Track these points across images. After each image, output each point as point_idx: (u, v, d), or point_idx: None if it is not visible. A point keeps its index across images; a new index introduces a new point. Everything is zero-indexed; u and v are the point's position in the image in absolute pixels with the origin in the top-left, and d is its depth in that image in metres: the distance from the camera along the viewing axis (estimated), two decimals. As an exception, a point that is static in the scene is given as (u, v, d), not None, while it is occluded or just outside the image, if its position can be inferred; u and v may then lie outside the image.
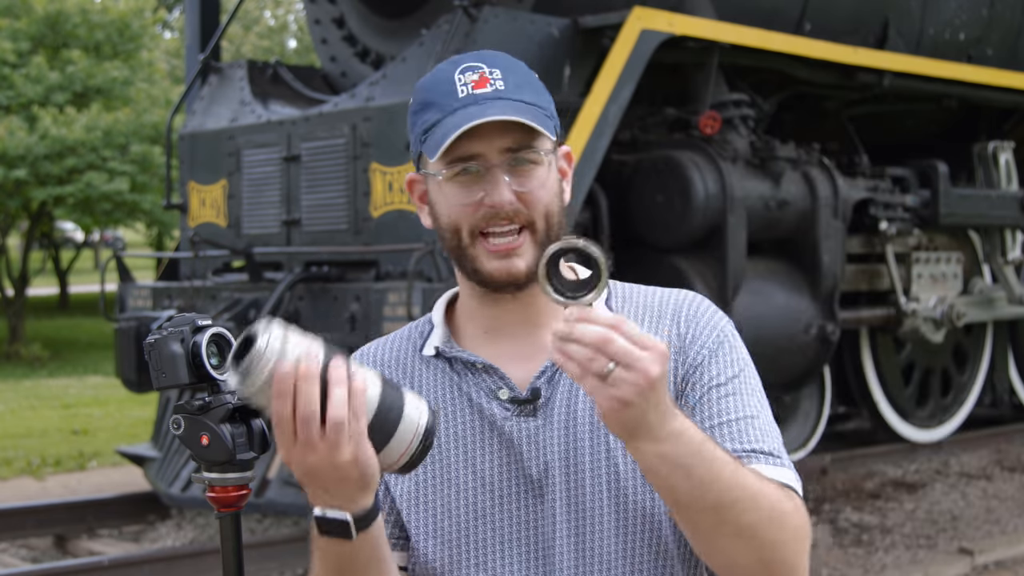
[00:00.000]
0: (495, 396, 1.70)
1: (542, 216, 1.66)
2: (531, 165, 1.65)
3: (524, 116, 1.62)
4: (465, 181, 1.65)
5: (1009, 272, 8.97)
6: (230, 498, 1.64)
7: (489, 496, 1.69)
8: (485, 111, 1.61)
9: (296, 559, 6.31)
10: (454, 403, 1.73)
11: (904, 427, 8.94)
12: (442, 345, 1.75)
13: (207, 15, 8.36)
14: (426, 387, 1.75)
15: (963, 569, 6.59)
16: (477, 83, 1.64)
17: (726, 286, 6.59)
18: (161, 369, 1.61)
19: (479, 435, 1.70)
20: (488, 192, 1.64)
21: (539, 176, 1.66)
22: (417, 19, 6.83)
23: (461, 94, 1.64)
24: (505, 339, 1.74)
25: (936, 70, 8.09)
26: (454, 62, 1.67)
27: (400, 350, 1.79)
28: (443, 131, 1.62)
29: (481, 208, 1.64)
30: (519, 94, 1.65)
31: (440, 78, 1.67)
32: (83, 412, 12.89)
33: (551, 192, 1.67)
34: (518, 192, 1.64)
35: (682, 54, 6.73)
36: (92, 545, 7.00)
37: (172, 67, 24.22)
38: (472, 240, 1.66)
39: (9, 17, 18.37)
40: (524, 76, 1.68)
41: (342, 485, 1.47)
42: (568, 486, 1.67)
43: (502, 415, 1.70)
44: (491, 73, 1.65)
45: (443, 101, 1.64)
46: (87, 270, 34.24)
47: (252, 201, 7.18)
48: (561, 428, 1.68)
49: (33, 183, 16.96)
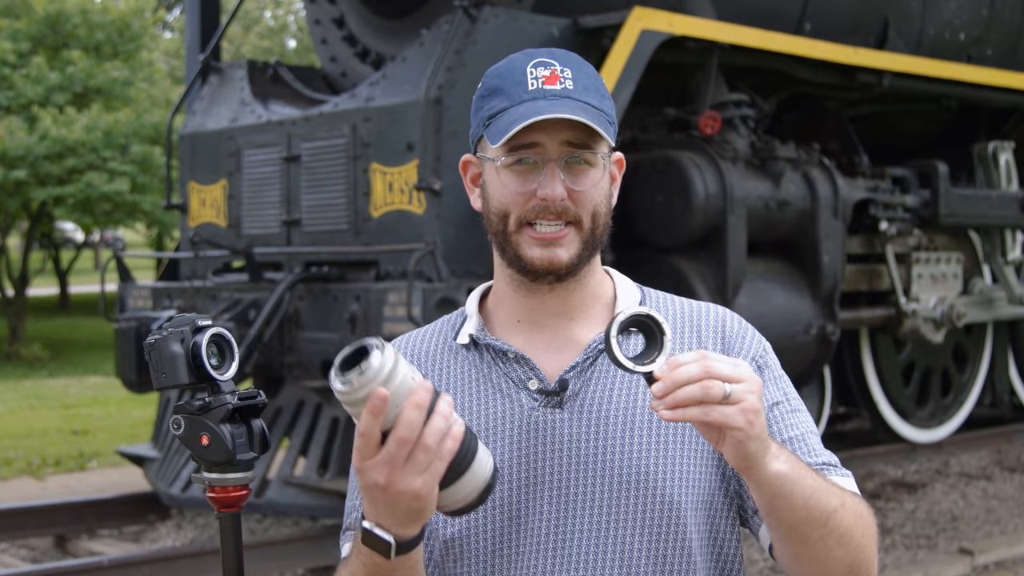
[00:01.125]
0: (524, 386, 1.73)
1: (589, 215, 1.71)
2: (586, 166, 1.70)
3: (588, 118, 1.66)
4: (522, 171, 1.70)
5: (1009, 272, 8.97)
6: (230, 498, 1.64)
7: (509, 485, 1.70)
8: (553, 107, 1.65)
9: (296, 559, 6.31)
10: (482, 392, 1.76)
11: (904, 427, 8.93)
12: (476, 332, 1.79)
13: (207, 15, 8.36)
14: (455, 376, 1.78)
15: (963, 569, 6.59)
16: (548, 79, 1.69)
17: (726, 286, 6.59)
18: (161, 369, 1.62)
19: (505, 424, 1.73)
20: (542, 184, 1.68)
21: (592, 177, 1.70)
22: (417, 19, 6.83)
23: (531, 87, 1.69)
24: (538, 330, 1.77)
25: (936, 70, 8.09)
26: (528, 55, 1.72)
27: (433, 342, 1.84)
28: (509, 119, 1.67)
29: (532, 199, 1.69)
30: (585, 96, 1.70)
31: (513, 67, 1.72)
32: (83, 412, 12.89)
33: (601, 194, 1.72)
34: (570, 189, 1.69)
35: (682, 54, 6.73)
36: (92, 545, 7.00)
37: (172, 67, 24.21)
38: (518, 228, 1.71)
39: (9, 17, 18.37)
40: (592, 79, 1.73)
41: (398, 511, 1.48)
42: (591, 481, 1.69)
43: (529, 405, 1.72)
44: (562, 71, 1.70)
45: (513, 91, 1.69)
46: (87, 270, 34.24)
47: (252, 201, 7.18)
48: (589, 423, 1.70)
49: (33, 183, 16.96)
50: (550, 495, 1.69)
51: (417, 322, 5.67)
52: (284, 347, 6.43)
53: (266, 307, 6.31)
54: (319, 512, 6.47)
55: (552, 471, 1.70)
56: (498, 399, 1.74)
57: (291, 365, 6.44)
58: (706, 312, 1.79)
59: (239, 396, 1.65)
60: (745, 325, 1.80)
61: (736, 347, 1.75)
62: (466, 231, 6.21)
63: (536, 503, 1.70)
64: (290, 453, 6.45)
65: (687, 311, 1.80)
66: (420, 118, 6.14)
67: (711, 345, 1.75)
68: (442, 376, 1.79)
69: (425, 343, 1.84)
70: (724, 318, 1.79)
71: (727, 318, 1.79)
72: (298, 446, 6.42)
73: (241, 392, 1.67)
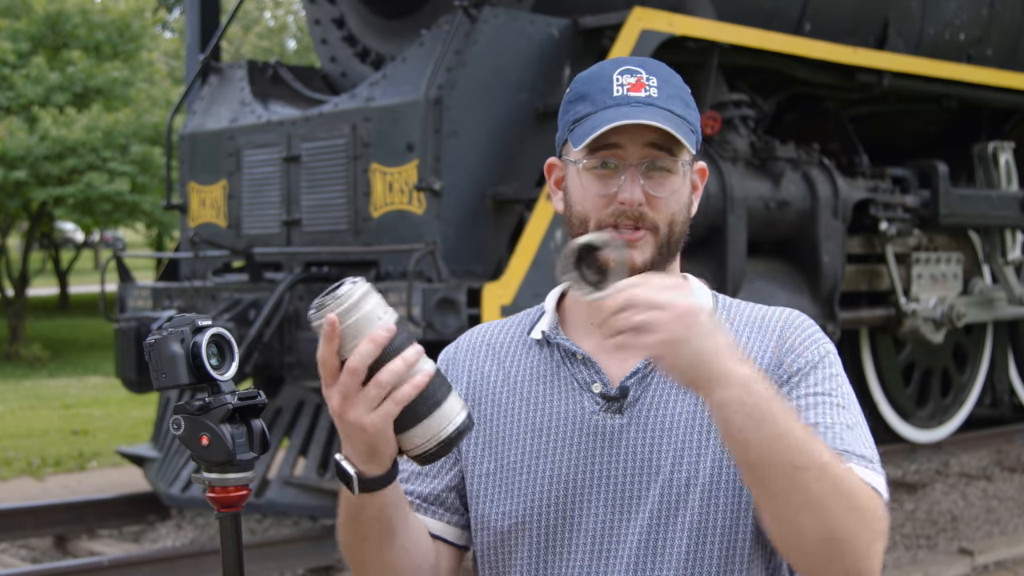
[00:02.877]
0: (588, 388, 1.75)
1: (666, 222, 1.73)
2: (667, 172, 1.72)
3: (670, 125, 1.68)
4: (603, 175, 1.72)
5: (1009, 272, 8.97)
6: (230, 498, 1.64)
7: (564, 485, 1.73)
8: (637, 113, 1.68)
9: (296, 559, 6.31)
10: (549, 390, 1.78)
11: (904, 427, 8.93)
12: (548, 330, 1.81)
13: (207, 15, 8.36)
14: (525, 371, 1.81)
15: (963, 569, 6.59)
16: (633, 86, 1.71)
17: (726, 286, 6.59)
18: (161, 369, 1.62)
19: (567, 424, 1.75)
20: (622, 188, 1.70)
21: (672, 184, 1.72)
22: (417, 19, 6.84)
23: (616, 93, 1.71)
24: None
25: (936, 70, 8.09)
26: (617, 62, 1.75)
27: (509, 333, 1.87)
28: (592, 124, 1.69)
29: (612, 203, 1.71)
30: (669, 104, 1.71)
31: (600, 74, 1.74)
32: (83, 412, 12.89)
33: (680, 202, 1.74)
34: (649, 195, 1.70)
35: (682, 54, 6.73)
36: (92, 545, 6.99)
37: (172, 67, 24.21)
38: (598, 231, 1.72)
39: (9, 17, 18.37)
40: (677, 89, 1.74)
41: (355, 443, 1.56)
42: (644, 487, 1.70)
43: (591, 409, 1.74)
44: (648, 79, 1.72)
45: (598, 96, 1.72)
46: (87, 270, 34.24)
47: (252, 201, 7.18)
48: (647, 429, 1.72)
49: (33, 184, 16.95)
50: (604, 498, 1.71)
51: (417, 322, 5.67)
52: (284, 347, 6.43)
53: (266, 307, 6.31)
54: (319, 512, 6.47)
55: (607, 475, 1.71)
56: (563, 399, 1.76)
57: (291, 365, 6.45)
58: (772, 315, 1.80)
59: (239, 396, 1.65)
60: (811, 323, 1.80)
61: (791, 338, 1.75)
62: (466, 231, 6.21)
63: (590, 505, 1.72)
64: (290, 453, 6.45)
65: (756, 313, 1.81)
66: (420, 118, 6.14)
67: (771, 345, 1.75)
68: (512, 369, 1.82)
69: (500, 335, 1.87)
70: (788, 319, 1.79)
71: (791, 319, 1.79)
72: (298, 446, 6.42)
73: (241, 392, 1.67)
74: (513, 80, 6.36)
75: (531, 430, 1.76)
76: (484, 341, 1.88)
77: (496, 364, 1.83)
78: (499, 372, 1.82)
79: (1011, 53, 9.15)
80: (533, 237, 5.87)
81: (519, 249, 5.88)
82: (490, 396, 1.81)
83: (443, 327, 5.74)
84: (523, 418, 1.77)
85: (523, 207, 6.23)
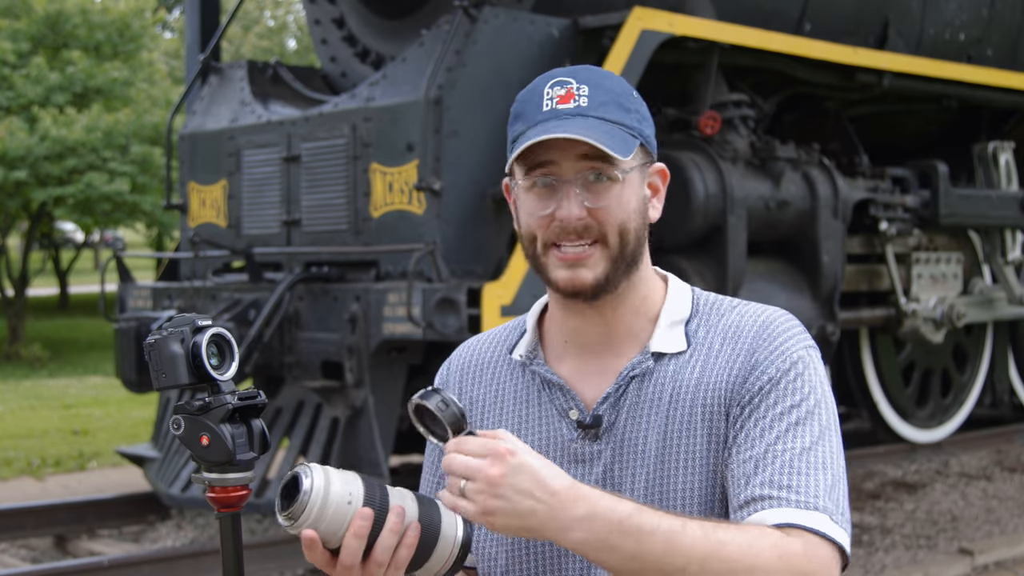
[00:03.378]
0: (566, 415, 1.75)
1: (615, 232, 1.68)
2: (608, 182, 1.67)
3: (595, 134, 1.63)
4: (541, 193, 1.69)
5: (1009, 272, 8.97)
6: (230, 498, 1.64)
7: None
8: (559, 127, 1.64)
9: (296, 559, 6.30)
10: (531, 415, 1.78)
11: (904, 427, 8.93)
12: (526, 355, 1.79)
13: (207, 15, 8.36)
14: (509, 393, 1.80)
15: (963, 569, 6.58)
16: (562, 98, 1.68)
17: (726, 286, 6.59)
18: (161, 369, 1.61)
19: (548, 451, 1.75)
20: (559, 205, 1.67)
21: (614, 193, 1.67)
22: (417, 19, 6.83)
23: (545, 108, 1.68)
24: (582, 353, 1.77)
25: (936, 70, 8.09)
26: (550, 75, 1.72)
27: (494, 351, 1.86)
28: (521, 142, 1.67)
29: (553, 221, 1.68)
30: (601, 111, 1.67)
31: (532, 90, 1.72)
32: (83, 412, 12.89)
33: (628, 209, 1.69)
34: (590, 208, 1.66)
35: (682, 54, 6.73)
36: (92, 545, 6.99)
37: (172, 67, 24.21)
38: (545, 250, 1.70)
39: (9, 17, 18.36)
40: (612, 93, 1.70)
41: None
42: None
43: (569, 436, 1.74)
44: (578, 89, 1.69)
45: (530, 113, 1.69)
46: (87, 270, 34.24)
47: (252, 201, 7.18)
48: (623, 453, 1.71)
49: (33, 184, 16.95)
50: None
51: (417, 322, 5.67)
52: (284, 347, 6.43)
53: (266, 307, 6.31)
54: (319, 512, 6.46)
55: None
56: (543, 425, 1.76)
57: (291, 365, 6.44)
58: (749, 323, 1.73)
59: (239, 396, 1.64)
60: (777, 336, 1.71)
61: (755, 363, 1.68)
62: (466, 231, 6.21)
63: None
64: (290, 453, 6.45)
65: (731, 323, 1.74)
66: (420, 118, 6.14)
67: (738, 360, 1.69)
68: (498, 391, 1.81)
69: (487, 352, 1.86)
70: (762, 328, 1.72)
71: (765, 328, 1.72)
72: (298, 446, 6.41)
73: (241, 392, 1.66)
74: (513, 80, 6.36)
75: None
76: (472, 360, 1.86)
77: (483, 386, 1.83)
78: (485, 395, 1.82)
79: (1011, 53, 9.15)
80: (533, 237, 5.86)
81: (519, 249, 5.87)
82: (479, 421, 1.81)
83: (443, 327, 5.74)
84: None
85: (523, 207, 6.22)
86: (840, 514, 1.59)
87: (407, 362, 6.37)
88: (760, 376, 1.67)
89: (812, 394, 1.67)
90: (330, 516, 1.53)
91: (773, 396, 1.65)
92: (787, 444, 1.61)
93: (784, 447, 1.61)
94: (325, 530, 1.54)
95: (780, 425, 1.63)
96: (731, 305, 1.78)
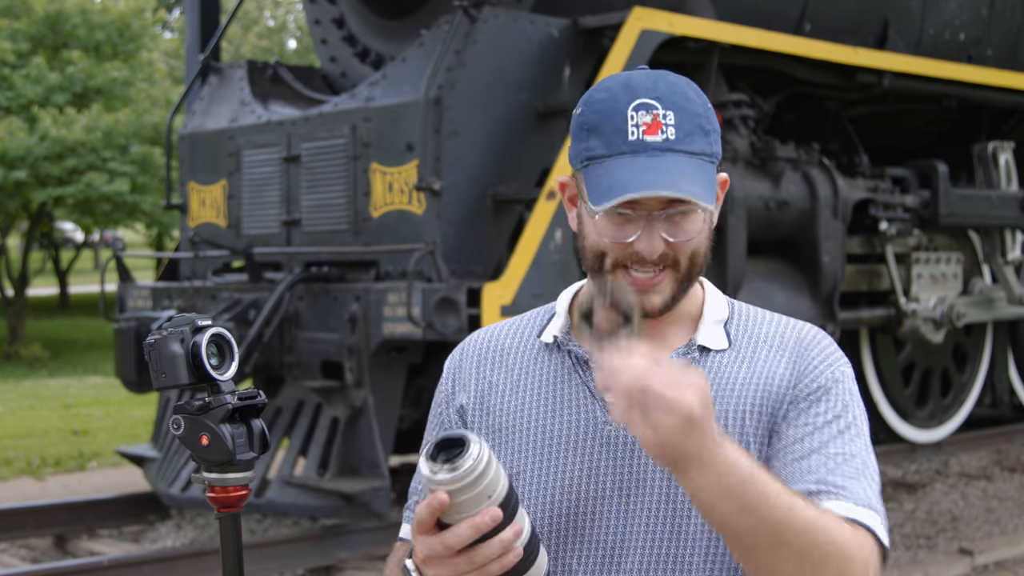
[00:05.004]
0: (601, 397, 1.72)
1: (687, 257, 1.67)
2: (688, 215, 1.65)
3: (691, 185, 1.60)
4: (619, 221, 1.65)
5: (1009, 272, 8.97)
6: (230, 498, 1.64)
7: (576, 495, 1.71)
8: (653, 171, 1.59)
9: (296, 559, 6.30)
10: (559, 398, 1.75)
11: (904, 427, 8.93)
12: (560, 335, 1.77)
13: (207, 15, 8.36)
14: (534, 378, 1.78)
15: (963, 569, 6.58)
16: (649, 127, 1.61)
17: (726, 286, 6.59)
18: (161, 369, 1.61)
19: (579, 434, 1.73)
20: (640, 238, 1.64)
21: (694, 225, 1.66)
22: (417, 19, 6.83)
23: (631, 136, 1.61)
24: None
25: (936, 70, 8.09)
26: (631, 90, 1.64)
27: (516, 336, 1.83)
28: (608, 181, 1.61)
29: (630, 248, 1.65)
30: (688, 143, 1.62)
31: (613, 108, 1.64)
32: (83, 412, 12.89)
33: (703, 236, 1.69)
34: (669, 242, 1.65)
35: (682, 54, 6.73)
36: (92, 545, 6.99)
37: (172, 67, 24.21)
38: (614, 269, 1.67)
39: (9, 17, 18.36)
40: (696, 118, 1.65)
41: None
42: (653, 497, 1.68)
43: (603, 418, 1.72)
44: (664, 116, 1.62)
45: (611, 136, 1.62)
46: (87, 270, 34.24)
47: (252, 201, 7.18)
48: None
49: (33, 184, 16.95)
50: (614, 508, 1.70)
51: (417, 322, 5.67)
52: (284, 347, 6.43)
53: (266, 307, 6.31)
54: (319, 512, 6.47)
55: (617, 485, 1.70)
56: (574, 407, 1.74)
57: (291, 365, 6.44)
58: (789, 332, 1.75)
59: (239, 396, 1.64)
60: (824, 347, 1.74)
61: (807, 361, 1.71)
62: (466, 231, 6.21)
63: (600, 516, 1.70)
64: (290, 453, 6.45)
65: (772, 332, 1.76)
66: (420, 118, 6.14)
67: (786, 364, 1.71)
68: (521, 375, 1.79)
69: (507, 338, 1.83)
70: (805, 337, 1.74)
71: (808, 337, 1.74)
72: (298, 446, 6.41)
73: (241, 392, 1.66)
74: (513, 80, 6.36)
75: (542, 438, 1.74)
76: (490, 346, 1.84)
77: (504, 371, 1.80)
78: (507, 379, 1.80)
79: (1011, 53, 9.15)
80: (533, 237, 5.87)
81: (519, 249, 5.88)
82: (499, 405, 1.78)
83: (443, 327, 5.74)
84: (534, 426, 1.75)
85: (523, 207, 6.23)
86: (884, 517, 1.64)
87: (407, 362, 6.37)
88: (811, 383, 1.69)
89: (856, 407, 1.71)
90: (470, 496, 1.47)
91: (824, 404, 1.68)
92: (839, 448, 1.65)
93: (836, 450, 1.65)
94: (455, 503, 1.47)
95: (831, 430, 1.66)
96: (767, 315, 1.80)
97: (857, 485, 1.62)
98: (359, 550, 6.42)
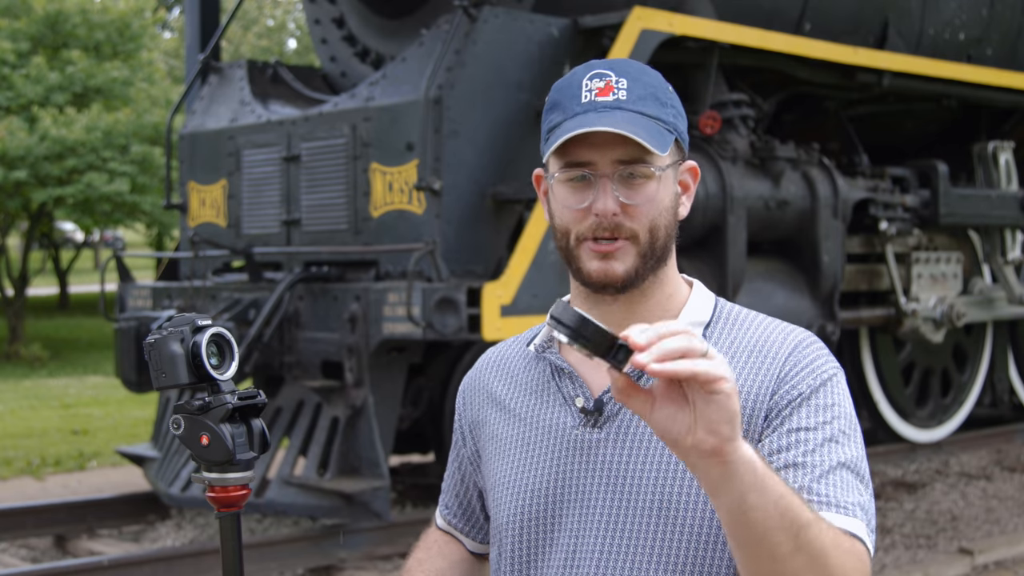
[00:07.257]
0: (572, 402, 1.75)
1: (646, 229, 1.68)
2: (642, 179, 1.67)
3: (636, 128, 1.63)
4: (577, 186, 1.69)
5: (1009, 272, 8.97)
6: (230, 498, 1.64)
7: (545, 500, 1.73)
8: (600, 119, 1.64)
9: (296, 559, 6.31)
10: (539, 404, 1.79)
11: (904, 427, 8.94)
12: (540, 343, 1.81)
13: (207, 15, 8.36)
14: (522, 384, 1.82)
15: (963, 569, 6.58)
16: (601, 90, 1.68)
17: (726, 286, 6.59)
18: (161, 369, 1.61)
19: (551, 438, 1.75)
20: (595, 199, 1.67)
21: (648, 191, 1.68)
22: (417, 19, 6.84)
23: (583, 99, 1.68)
24: None
25: (936, 70, 8.09)
26: (589, 66, 1.71)
27: (514, 348, 1.89)
28: (559, 134, 1.67)
29: (588, 216, 1.68)
30: (640, 105, 1.67)
31: (571, 81, 1.71)
32: (83, 412, 12.89)
33: (660, 206, 1.69)
34: (624, 204, 1.67)
35: (682, 54, 6.74)
36: (92, 545, 6.99)
37: (172, 67, 24.21)
38: (578, 243, 1.70)
39: (9, 17, 18.36)
40: (650, 88, 1.70)
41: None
42: (614, 504, 1.68)
43: (572, 423, 1.74)
44: (617, 82, 1.68)
45: (567, 104, 1.69)
46: (87, 270, 34.25)
47: (252, 201, 7.18)
48: (623, 445, 1.70)
49: (33, 184, 16.95)
50: (576, 513, 1.71)
51: (417, 322, 5.67)
52: (284, 347, 6.43)
53: (266, 307, 6.31)
54: (319, 512, 6.47)
55: (581, 489, 1.71)
56: (550, 412, 1.77)
57: (291, 365, 6.44)
58: (776, 338, 1.72)
59: (239, 396, 1.64)
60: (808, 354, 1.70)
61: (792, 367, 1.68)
62: (466, 231, 6.21)
63: (564, 520, 1.71)
64: (290, 453, 6.45)
65: (757, 338, 1.73)
66: (420, 118, 6.14)
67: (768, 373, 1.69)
68: (515, 384, 1.84)
69: (508, 350, 1.90)
70: (796, 340, 1.72)
71: (794, 344, 1.71)
72: (298, 446, 6.41)
73: (241, 392, 1.66)
74: (513, 80, 6.36)
75: (521, 443, 1.78)
76: (494, 361, 1.90)
77: (504, 380, 1.86)
78: (506, 388, 1.85)
79: (1011, 53, 9.15)
80: (533, 237, 5.87)
81: (519, 249, 5.88)
82: (498, 413, 1.83)
83: (443, 327, 5.74)
84: (516, 431, 1.79)
85: (523, 207, 6.23)
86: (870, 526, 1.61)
87: (407, 362, 6.37)
88: (791, 390, 1.66)
89: (843, 411, 1.67)
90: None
91: (804, 410, 1.65)
92: (823, 457, 1.62)
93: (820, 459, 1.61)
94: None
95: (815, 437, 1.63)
96: (756, 321, 1.77)
97: (843, 494, 1.59)
98: (359, 550, 6.43)
